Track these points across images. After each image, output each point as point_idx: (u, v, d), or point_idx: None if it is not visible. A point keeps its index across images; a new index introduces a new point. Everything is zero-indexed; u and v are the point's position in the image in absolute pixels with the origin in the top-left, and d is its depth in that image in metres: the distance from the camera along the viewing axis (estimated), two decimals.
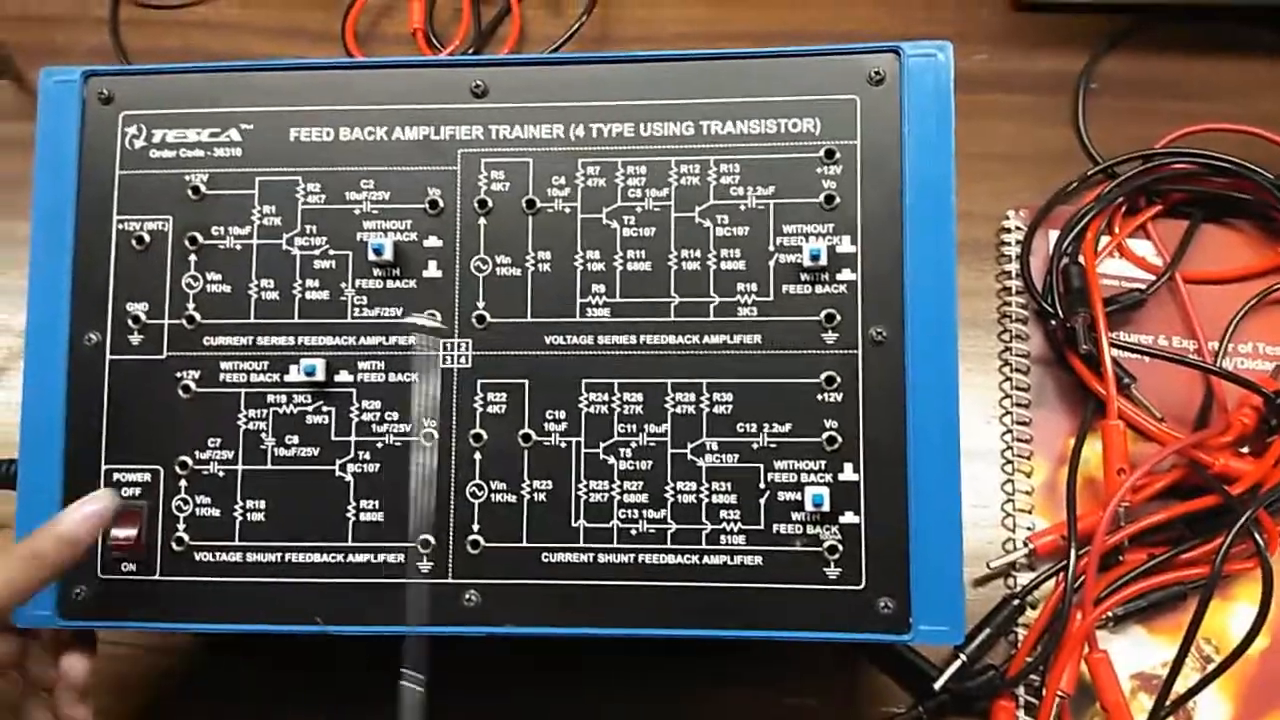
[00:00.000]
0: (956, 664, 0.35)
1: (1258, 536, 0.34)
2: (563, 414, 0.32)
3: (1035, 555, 0.37)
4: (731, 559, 0.31)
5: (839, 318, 0.32)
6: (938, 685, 0.35)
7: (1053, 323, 0.39)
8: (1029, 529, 0.37)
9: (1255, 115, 0.42)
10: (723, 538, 0.31)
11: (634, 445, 0.32)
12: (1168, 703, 0.34)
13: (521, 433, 0.32)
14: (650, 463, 0.32)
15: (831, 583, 0.31)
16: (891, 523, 0.31)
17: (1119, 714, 0.33)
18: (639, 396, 0.32)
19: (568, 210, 0.33)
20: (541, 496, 0.32)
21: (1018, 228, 0.41)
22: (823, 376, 0.31)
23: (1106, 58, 0.45)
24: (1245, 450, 0.37)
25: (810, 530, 0.31)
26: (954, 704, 0.35)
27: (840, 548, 0.31)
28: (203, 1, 0.50)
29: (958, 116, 0.43)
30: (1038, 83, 0.45)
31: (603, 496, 0.32)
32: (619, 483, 0.32)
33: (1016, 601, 0.36)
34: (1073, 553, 0.35)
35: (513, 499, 0.32)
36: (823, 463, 0.31)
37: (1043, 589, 0.36)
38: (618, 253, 0.32)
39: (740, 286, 0.32)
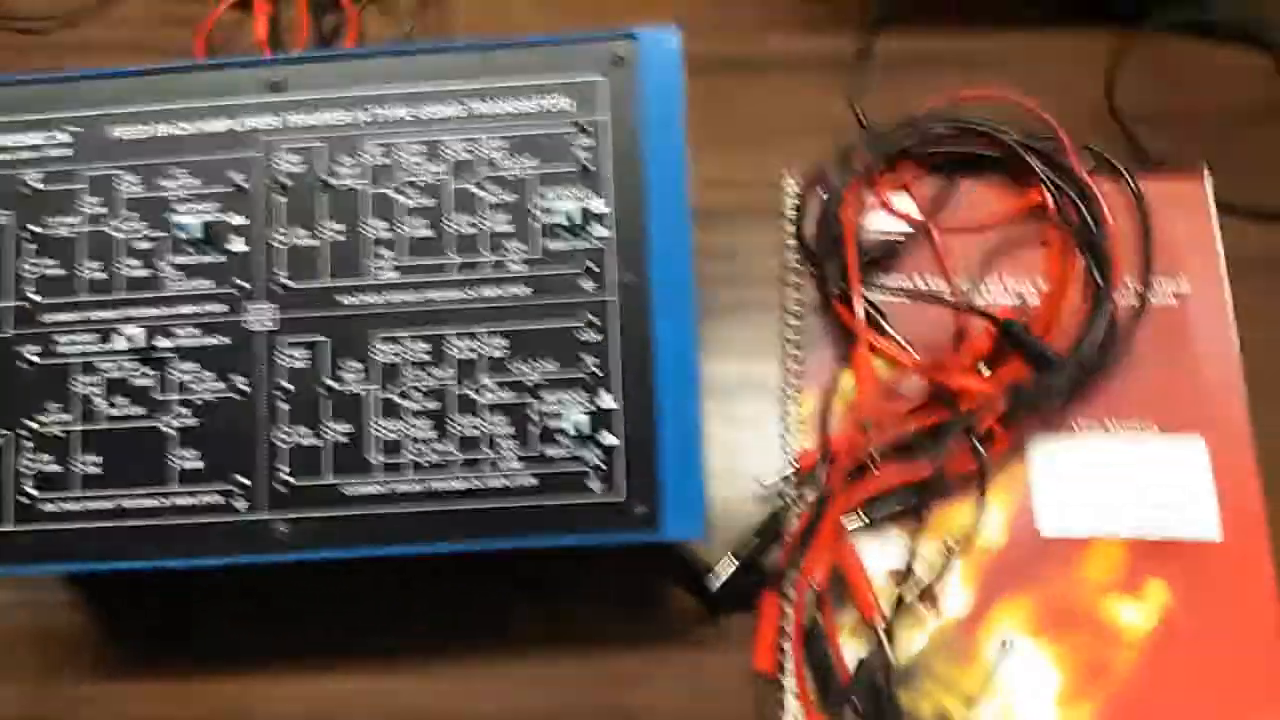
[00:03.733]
0: (731, 568, 0.40)
1: (975, 441, 0.39)
2: (358, 364, 0.36)
3: (801, 472, 0.42)
4: (510, 481, 0.36)
5: (595, 269, 0.36)
6: (714, 587, 0.40)
7: (815, 271, 0.44)
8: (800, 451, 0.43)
9: (1013, 82, 0.47)
10: (501, 463, 0.36)
11: (422, 388, 0.36)
12: (916, 592, 0.39)
13: (322, 383, 0.36)
14: (436, 402, 0.36)
15: (596, 495, 0.36)
16: (643, 441, 0.36)
17: (861, 597, 0.38)
18: (425, 346, 0.36)
19: (356, 186, 0.37)
20: (342, 438, 0.36)
21: (795, 191, 0.47)
22: (582, 319, 0.36)
23: (882, 35, 0.50)
24: (988, 372, 0.42)
25: (576, 452, 0.36)
26: (733, 601, 0.40)
27: (601, 465, 0.36)
28: (69, 25, 0.54)
29: (750, 91, 0.50)
30: (822, 61, 0.50)
31: (395, 434, 0.36)
32: (409, 421, 0.36)
33: (781, 510, 0.41)
34: (824, 465, 0.40)
35: (317, 441, 0.36)
36: (585, 394, 0.36)
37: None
38: (401, 221, 0.37)
39: (510, 245, 0.37)
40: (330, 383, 0.36)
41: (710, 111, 0.50)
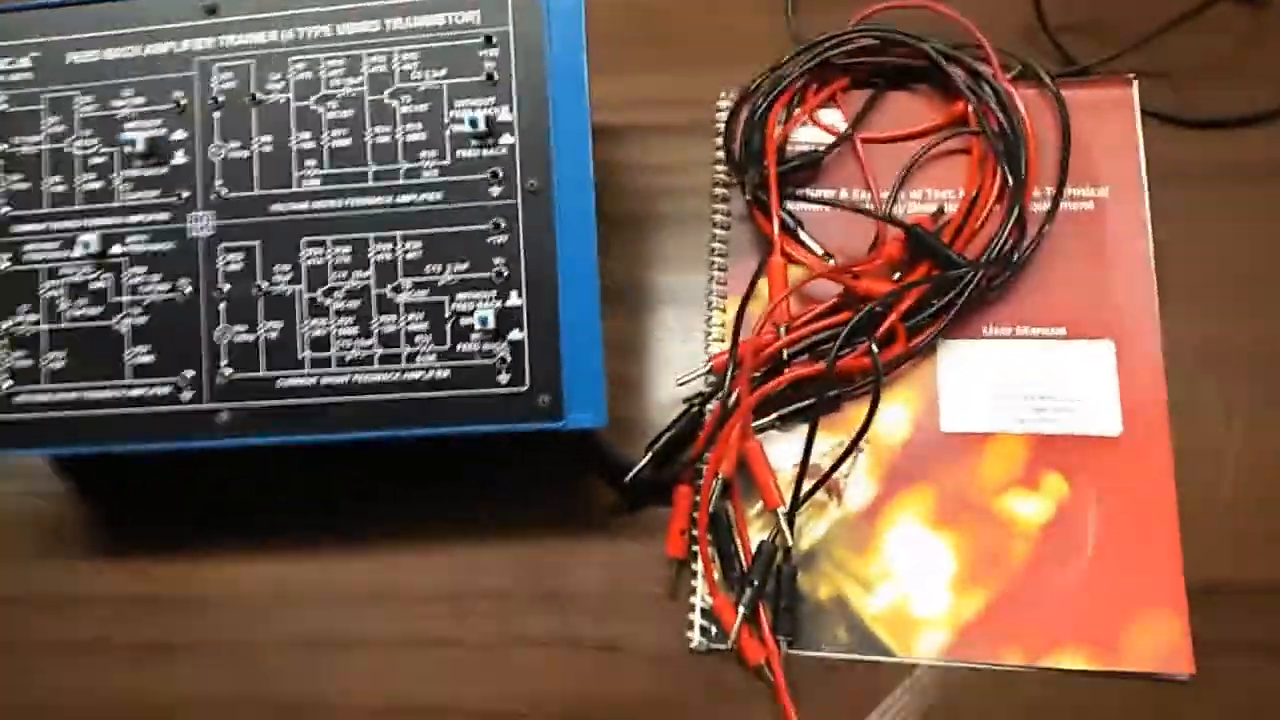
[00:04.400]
0: (646, 458, 0.42)
1: (872, 342, 0.40)
2: (288, 267, 0.39)
3: (714, 371, 0.44)
4: (426, 374, 0.39)
5: (502, 174, 0.39)
6: (628, 478, 0.42)
7: (740, 182, 0.45)
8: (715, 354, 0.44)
9: None
10: (418, 357, 0.39)
11: (345, 289, 0.39)
12: (817, 480, 0.41)
13: (256, 284, 0.40)
14: (359, 302, 0.39)
15: (504, 386, 0.38)
16: (548, 337, 0.38)
17: (764, 487, 0.41)
18: (348, 249, 0.39)
19: (283, 101, 0.40)
20: (274, 334, 0.39)
21: (727, 107, 0.48)
22: (491, 223, 0.39)
23: None
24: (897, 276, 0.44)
25: (486, 347, 0.38)
26: (650, 490, 0.42)
27: (509, 359, 0.38)
28: None
29: (691, 13, 0.51)
30: None
31: (322, 331, 0.39)
32: (335, 319, 0.39)
33: (695, 408, 0.43)
34: (731, 364, 0.42)
35: (251, 338, 0.39)
36: (494, 292, 0.38)
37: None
38: (324, 133, 0.40)
39: (423, 154, 0.39)
40: (263, 284, 0.39)
41: (652, 33, 0.52)
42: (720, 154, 0.47)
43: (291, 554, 0.44)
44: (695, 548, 0.42)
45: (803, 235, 0.44)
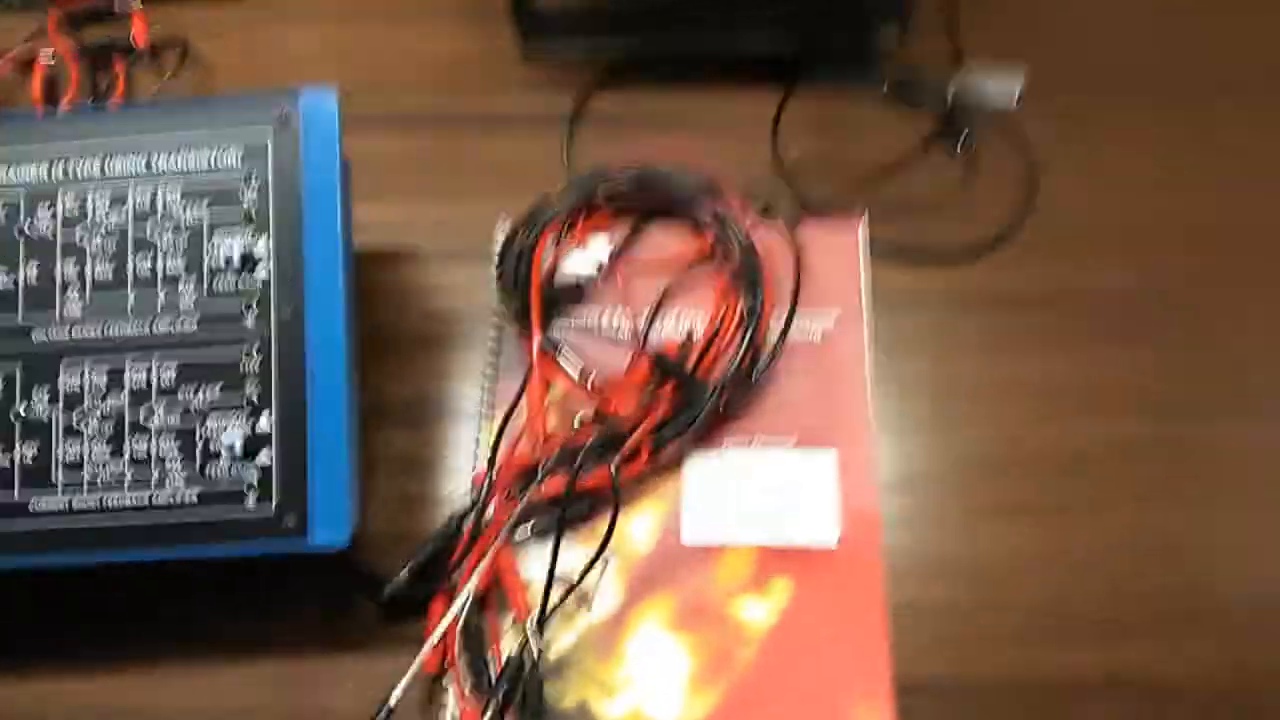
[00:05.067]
0: (404, 573, 0.44)
1: (613, 466, 0.43)
2: (46, 392, 0.41)
3: (474, 485, 0.46)
4: (175, 496, 0.40)
5: (256, 303, 0.41)
6: (384, 594, 0.44)
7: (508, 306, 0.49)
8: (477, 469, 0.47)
9: (696, 136, 0.52)
10: (168, 480, 0.40)
11: (100, 412, 0.41)
12: (564, 592, 0.43)
13: (14, 410, 0.41)
14: (113, 425, 0.41)
15: (251, 508, 0.40)
16: (296, 459, 0.40)
17: (514, 599, 0.43)
18: (104, 374, 0.41)
19: (50, 233, 0.42)
20: (29, 459, 0.40)
21: (503, 235, 0.52)
22: (244, 349, 0.41)
23: (596, 96, 0.56)
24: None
25: (235, 470, 0.40)
26: (410, 606, 0.44)
27: (257, 481, 0.40)
28: None
29: (479, 145, 0.55)
30: (539, 121, 0.55)
31: (76, 455, 0.40)
32: (89, 443, 0.40)
33: (454, 523, 0.45)
34: (488, 480, 0.45)
35: (7, 462, 0.40)
36: (245, 416, 0.40)
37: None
38: (88, 262, 0.42)
39: (182, 284, 0.41)
40: (19, 409, 0.41)
41: (442, 162, 0.56)
42: (494, 278, 0.51)
43: (51, 673, 0.44)
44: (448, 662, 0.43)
45: (560, 358, 0.48)
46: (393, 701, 0.40)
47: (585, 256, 0.51)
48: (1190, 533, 0.45)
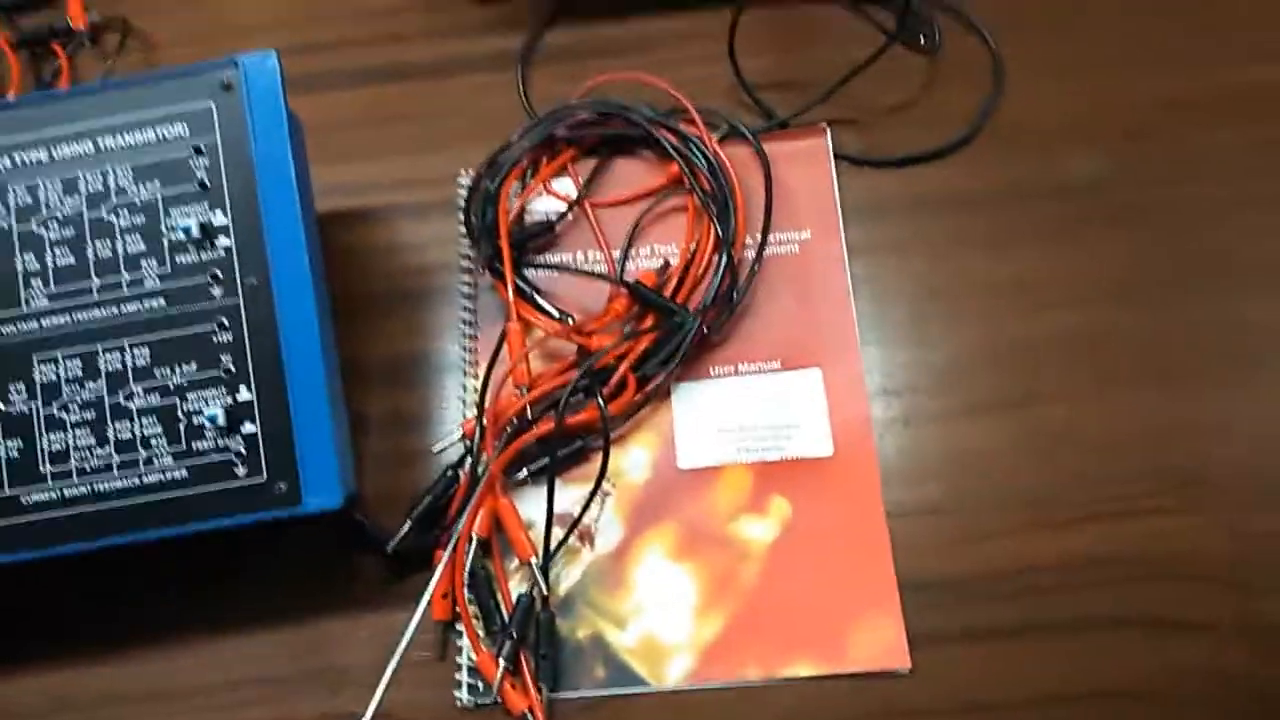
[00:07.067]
0: (406, 527, 0.44)
1: (599, 397, 0.43)
2: (22, 386, 0.41)
3: (466, 438, 0.46)
4: (164, 475, 0.40)
5: (221, 275, 0.41)
6: (390, 548, 0.44)
7: (479, 254, 0.48)
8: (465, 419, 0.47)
9: (652, 64, 0.51)
10: (155, 460, 0.40)
11: (79, 400, 0.40)
12: (567, 529, 0.43)
13: None
14: (93, 412, 0.40)
15: (242, 479, 0.40)
16: (280, 426, 0.40)
17: (517, 541, 0.43)
18: (78, 363, 0.41)
19: (5, 226, 0.41)
20: (14, 453, 0.40)
21: (466, 184, 0.51)
22: (215, 322, 0.40)
23: (548, 32, 0.55)
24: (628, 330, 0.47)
25: (221, 442, 0.40)
26: (415, 558, 0.44)
27: (245, 451, 0.40)
28: None
29: (430, 95, 0.54)
30: (493, 61, 0.54)
31: (61, 444, 0.40)
32: (72, 431, 0.40)
33: (450, 473, 0.45)
34: (478, 428, 0.45)
35: None
36: (224, 389, 0.40)
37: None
38: (47, 252, 0.41)
39: (144, 263, 0.41)
40: (0, 405, 0.41)
41: (398, 116, 0.54)
42: (461, 228, 0.50)
43: (63, 664, 0.44)
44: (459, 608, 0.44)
45: (539, 300, 0.48)
46: (400, 651, 0.41)
47: (554, 195, 0.50)
48: (1175, 412, 0.45)
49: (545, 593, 0.43)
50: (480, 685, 0.42)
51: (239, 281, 0.40)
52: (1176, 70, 0.52)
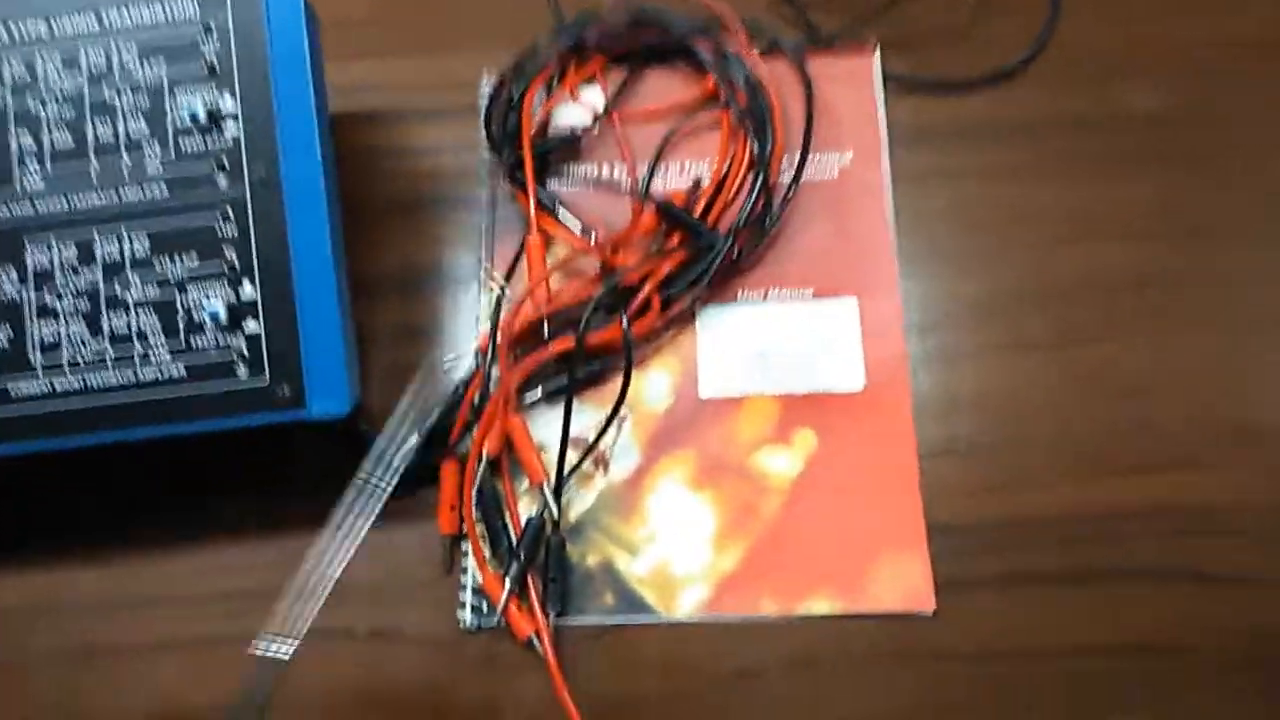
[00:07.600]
0: (414, 440, 0.42)
1: (623, 315, 0.41)
2: (13, 269, 0.38)
3: (480, 351, 0.44)
4: (161, 372, 0.38)
5: (228, 164, 0.38)
6: (395, 462, 0.42)
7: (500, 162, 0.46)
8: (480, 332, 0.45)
9: None
10: (152, 355, 0.38)
11: (73, 289, 0.38)
12: (582, 453, 0.41)
13: None
14: (87, 302, 0.38)
15: (243, 380, 0.38)
16: (284, 327, 0.38)
17: (527, 462, 0.41)
18: (73, 248, 0.38)
19: (2, 102, 0.39)
20: (3, 342, 0.38)
21: (488, 88, 0.48)
22: (219, 214, 0.38)
23: None
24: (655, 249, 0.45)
25: (222, 340, 0.38)
26: (420, 474, 0.42)
27: (247, 352, 0.38)
28: None
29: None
30: None
31: (53, 335, 0.38)
32: (65, 322, 0.38)
33: (461, 390, 0.43)
34: (491, 343, 0.42)
35: None
36: (227, 285, 0.38)
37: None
38: (44, 131, 0.38)
39: (147, 148, 0.38)
40: None
41: (417, 15, 0.51)
42: (481, 135, 0.48)
43: (52, 566, 0.43)
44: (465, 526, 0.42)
45: (561, 213, 0.45)
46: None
47: (579, 106, 0.47)
48: (1223, 357, 0.43)
49: (556, 517, 0.41)
50: (485, 607, 0.41)
51: (246, 172, 0.38)
52: (1245, 6, 0.49)
